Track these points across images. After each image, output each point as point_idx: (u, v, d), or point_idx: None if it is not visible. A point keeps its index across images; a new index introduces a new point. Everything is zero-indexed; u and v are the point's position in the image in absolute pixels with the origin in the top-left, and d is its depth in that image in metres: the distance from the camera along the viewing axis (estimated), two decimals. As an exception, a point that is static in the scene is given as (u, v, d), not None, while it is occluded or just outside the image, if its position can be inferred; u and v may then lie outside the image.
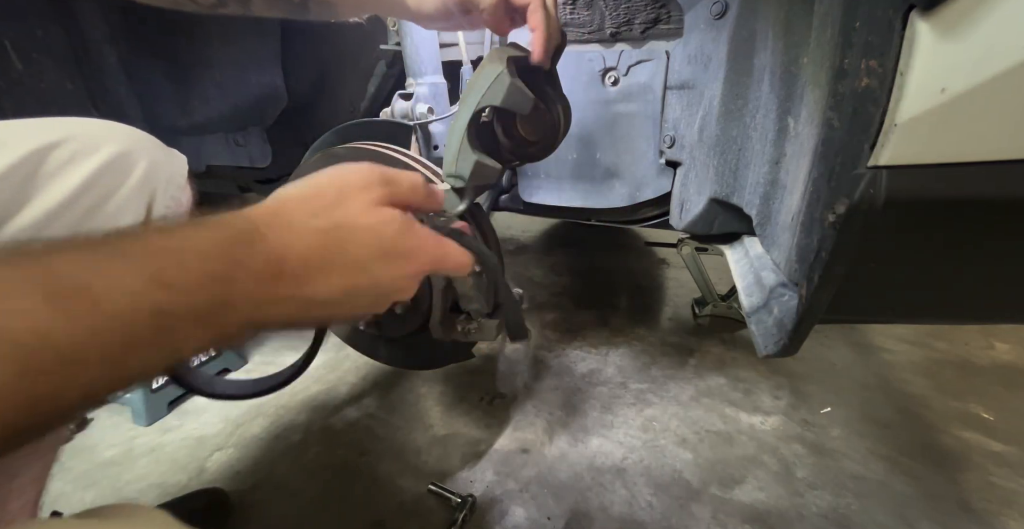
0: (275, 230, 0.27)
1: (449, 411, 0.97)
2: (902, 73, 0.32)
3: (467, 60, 0.84)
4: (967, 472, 0.83)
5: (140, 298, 0.21)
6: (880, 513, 0.75)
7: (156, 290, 0.22)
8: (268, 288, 0.26)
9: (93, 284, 0.20)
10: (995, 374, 1.11)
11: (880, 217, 0.34)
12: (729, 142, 0.67)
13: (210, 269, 0.24)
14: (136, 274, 0.22)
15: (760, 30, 0.60)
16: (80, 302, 0.20)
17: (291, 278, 0.27)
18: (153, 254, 0.23)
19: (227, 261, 0.24)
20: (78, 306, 0.19)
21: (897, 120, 0.32)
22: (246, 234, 0.26)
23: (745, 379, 1.06)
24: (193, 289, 0.23)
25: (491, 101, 0.51)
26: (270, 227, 0.27)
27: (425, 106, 0.77)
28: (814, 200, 0.43)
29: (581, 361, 1.13)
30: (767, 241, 0.60)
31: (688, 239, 1.13)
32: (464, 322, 0.67)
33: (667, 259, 1.75)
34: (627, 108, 0.81)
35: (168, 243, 0.24)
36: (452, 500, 0.74)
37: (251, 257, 0.25)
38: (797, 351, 0.48)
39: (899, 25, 0.31)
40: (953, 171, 0.32)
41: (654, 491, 0.78)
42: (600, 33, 0.79)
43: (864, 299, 0.44)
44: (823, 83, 0.43)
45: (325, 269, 0.28)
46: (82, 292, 0.20)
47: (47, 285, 0.19)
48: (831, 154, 0.40)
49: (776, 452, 0.87)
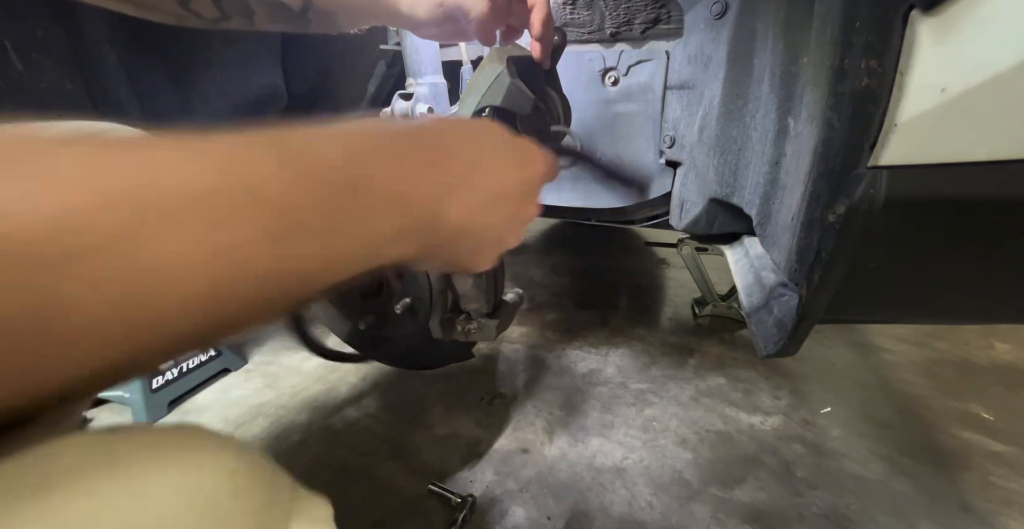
0: (437, 128, 0.30)
1: (449, 411, 0.97)
2: (902, 73, 0.32)
3: (467, 60, 0.84)
4: (967, 472, 0.83)
5: (342, 172, 0.23)
6: (880, 513, 0.75)
7: (355, 163, 0.23)
8: (442, 174, 0.27)
9: (314, 153, 0.22)
10: (995, 374, 1.11)
11: (880, 217, 0.34)
12: (729, 142, 0.67)
13: (397, 148, 0.26)
14: (337, 147, 0.23)
15: (760, 30, 0.60)
16: (306, 168, 0.21)
17: (458, 170, 0.29)
18: (347, 134, 0.25)
19: (407, 139, 0.27)
20: (306, 172, 0.21)
21: (897, 120, 0.32)
22: (419, 127, 0.29)
23: (745, 379, 1.06)
24: (385, 161, 0.25)
25: (491, 101, 0.51)
26: (436, 128, 0.30)
27: (425, 106, 0.77)
28: (814, 200, 0.43)
29: (581, 361, 1.13)
30: (767, 241, 0.60)
31: (688, 239, 1.13)
32: (464, 322, 0.67)
33: (667, 259, 1.75)
34: (627, 108, 0.81)
35: (353, 127, 0.26)
36: (452, 500, 0.74)
37: (427, 144, 0.28)
38: (797, 351, 0.48)
39: (899, 25, 0.31)
40: (953, 171, 0.32)
41: (654, 491, 0.78)
42: (600, 33, 0.79)
43: (864, 299, 0.44)
44: (823, 83, 0.43)
45: (482, 165, 0.30)
46: (305, 159, 0.22)
47: (281, 151, 0.21)
48: (831, 154, 0.40)
49: (776, 452, 0.87)
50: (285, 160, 0.21)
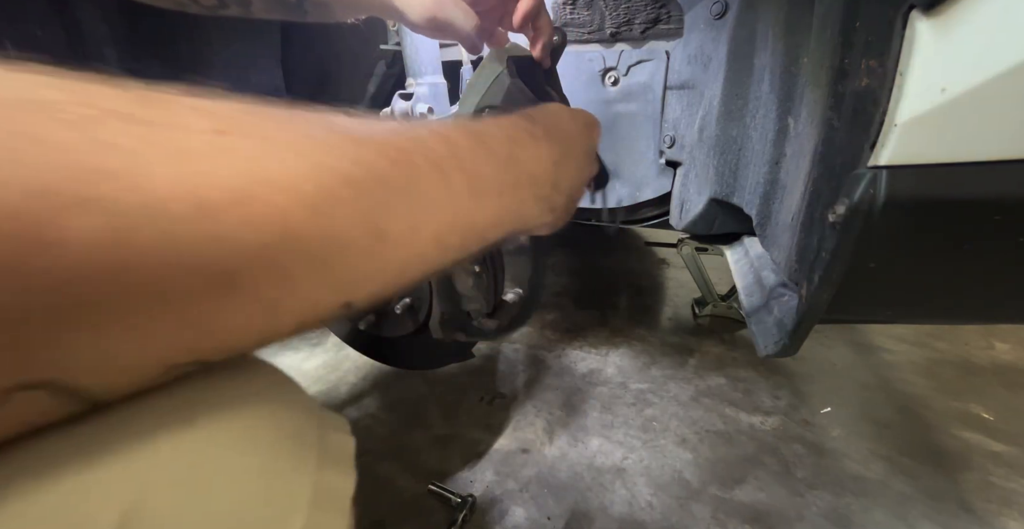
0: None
1: (449, 411, 0.97)
2: (902, 73, 0.32)
3: (467, 60, 0.84)
4: (967, 472, 0.83)
5: (504, 149, 0.30)
6: (880, 513, 0.75)
7: (510, 145, 0.31)
8: (554, 152, 0.34)
9: (487, 134, 0.30)
10: (995, 374, 1.10)
11: (880, 217, 0.34)
12: (729, 142, 0.67)
13: (533, 132, 0.33)
14: (501, 131, 0.31)
15: (760, 30, 0.60)
16: (485, 144, 0.29)
17: (563, 148, 0.36)
18: (502, 122, 0.33)
19: (534, 125, 0.34)
20: (485, 148, 0.29)
21: (897, 120, 0.32)
22: (539, 115, 0.36)
23: (745, 379, 1.06)
24: (527, 144, 0.32)
25: (491, 101, 0.51)
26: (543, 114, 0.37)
27: (425, 106, 0.77)
28: (814, 200, 0.43)
29: (581, 361, 1.13)
30: (767, 241, 0.60)
31: (688, 239, 1.13)
32: (464, 322, 0.67)
33: (667, 259, 1.75)
34: (627, 108, 0.81)
35: (505, 118, 0.34)
36: (452, 500, 0.74)
37: (542, 130, 0.35)
38: (797, 351, 0.48)
39: (899, 25, 0.31)
40: (953, 171, 0.32)
41: (654, 491, 0.78)
42: (600, 33, 0.79)
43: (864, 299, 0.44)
44: (823, 83, 0.43)
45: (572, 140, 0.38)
46: (483, 138, 0.29)
47: (468, 131, 0.29)
48: (831, 154, 0.40)
49: (776, 452, 0.87)
50: (472, 137, 0.28)
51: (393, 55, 0.90)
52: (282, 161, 0.17)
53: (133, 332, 0.15)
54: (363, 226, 0.20)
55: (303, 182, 0.18)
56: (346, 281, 0.20)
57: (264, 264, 0.17)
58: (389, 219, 0.21)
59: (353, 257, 0.20)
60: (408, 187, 0.22)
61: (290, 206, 0.17)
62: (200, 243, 0.15)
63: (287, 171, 0.17)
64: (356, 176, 0.20)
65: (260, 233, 0.16)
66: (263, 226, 0.16)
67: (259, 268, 0.17)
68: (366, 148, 0.21)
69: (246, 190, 0.16)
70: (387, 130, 0.24)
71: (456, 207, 0.25)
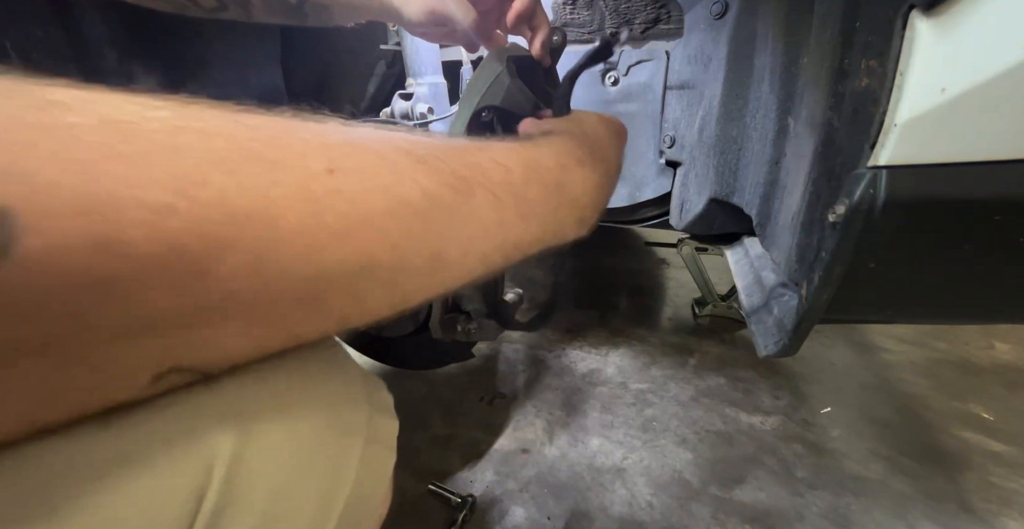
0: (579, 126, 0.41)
1: (449, 411, 0.97)
2: (902, 73, 0.32)
3: (467, 60, 0.84)
4: (967, 472, 0.83)
5: (553, 175, 0.33)
6: (880, 513, 0.75)
7: (559, 171, 0.33)
8: (597, 173, 0.37)
9: (537, 161, 0.32)
10: (995, 374, 1.10)
11: (880, 217, 0.34)
12: (729, 142, 0.67)
13: (579, 158, 0.35)
14: (552, 157, 0.33)
15: (760, 30, 0.60)
16: (536, 171, 0.31)
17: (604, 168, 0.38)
18: (556, 147, 0.35)
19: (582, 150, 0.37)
20: (535, 174, 0.31)
21: (897, 120, 0.32)
22: (587, 138, 0.39)
23: (745, 379, 1.06)
24: (574, 171, 0.34)
25: (491, 101, 0.51)
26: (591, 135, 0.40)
27: (425, 106, 0.77)
28: (814, 200, 0.43)
29: (581, 361, 1.13)
30: (767, 241, 0.60)
31: (688, 239, 1.13)
32: (464, 322, 0.67)
33: (667, 259, 1.75)
34: (627, 108, 0.81)
35: (559, 141, 0.36)
36: (452, 500, 0.74)
37: (587, 151, 0.37)
38: (797, 351, 0.48)
39: (899, 25, 0.31)
40: (953, 171, 0.32)
41: (654, 491, 0.78)
42: (600, 33, 0.79)
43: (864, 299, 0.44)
44: (823, 83, 0.43)
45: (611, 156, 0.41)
46: (534, 164, 0.32)
47: (519, 156, 0.31)
48: (831, 154, 0.40)
49: (776, 452, 0.87)
50: (527, 165, 0.31)
51: (393, 55, 0.90)
52: (374, 202, 0.21)
53: (243, 335, 0.19)
54: (426, 254, 0.23)
55: (388, 221, 0.21)
56: (404, 298, 0.24)
57: (345, 289, 0.21)
58: (447, 245, 0.24)
59: (415, 279, 0.23)
60: (465, 214, 0.25)
61: (376, 242, 0.21)
62: (305, 273, 0.19)
63: (378, 212, 0.21)
64: (424, 208, 0.23)
65: (348, 266, 0.20)
66: (353, 260, 0.20)
67: (340, 292, 0.20)
68: (433, 179, 0.24)
69: (345, 229, 0.19)
70: (451, 153, 0.26)
71: (505, 230, 0.28)
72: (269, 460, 0.21)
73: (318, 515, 0.23)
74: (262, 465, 0.21)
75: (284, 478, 0.22)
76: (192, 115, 0.18)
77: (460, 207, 0.25)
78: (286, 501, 0.22)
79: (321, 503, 0.23)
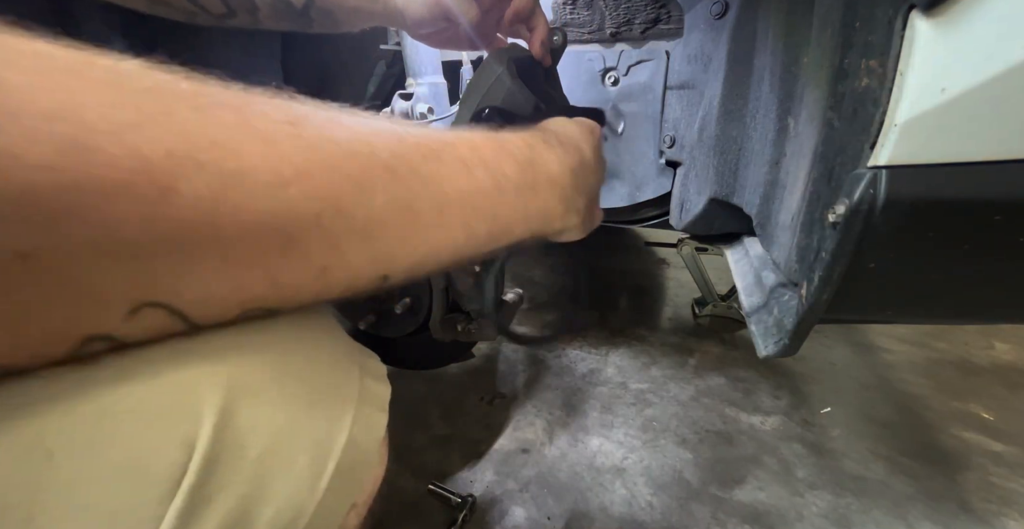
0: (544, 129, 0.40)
1: (449, 411, 0.97)
2: (902, 73, 0.32)
3: (467, 60, 0.84)
4: (967, 472, 0.83)
5: (524, 153, 0.33)
6: (880, 513, 0.75)
7: (530, 150, 0.34)
8: (571, 159, 0.37)
9: (506, 139, 0.33)
10: (995, 374, 1.10)
11: (880, 217, 0.34)
12: (729, 142, 0.67)
13: (548, 140, 0.36)
14: (520, 138, 0.34)
15: (760, 30, 0.60)
16: (505, 147, 0.32)
17: (577, 156, 0.38)
18: (521, 132, 0.36)
19: (552, 136, 0.37)
20: (505, 150, 0.32)
21: (897, 120, 0.32)
22: (553, 129, 0.39)
23: (745, 379, 1.06)
24: (544, 150, 0.35)
25: (491, 102, 0.51)
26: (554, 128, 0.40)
27: (425, 106, 0.77)
28: (814, 200, 0.43)
29: (581, 361, 1.13)
30: (767, 241, 0.60)
31: (688, 239, 1.13)
32: (464, 322, 0.67)
33: (667, 259, 1.75)
34: (627, 108, 0.81)
35: (521, 130, 0.36)
36: (452, 500, 0.74)
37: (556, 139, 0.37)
38: (797, 351, 0.48)
39: (899, 25, 0.31)
40: (953, 171, 0.32)
41: (654, 491, 0.78)
42: (600, 33, 0.79)
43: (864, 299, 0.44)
44: (823, 83, 0.43)
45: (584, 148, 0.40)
46: (503, 142, 0.32)
47: (487, 134, 0.32)
48: (831, 154, 0.40)
49: (776, 452, 0.87)
50: (493, 141, 0.31)
51: (393, 55, 0.90)
52: (336, 148, 0.22)
53: (220, 273, 0.19)
54: (398, 207, 0.24)
55: (351, 164, 0.22)
56: (384, 255, 0.24)
57: (319, 234, 0.21)
58: (419, 202, 0.25)
59: (390, 233, 0.24)
60: (433, 173, 0.26)
61: (340, 183, 0.21)
62: (272, 208, 0.19)
63: (339, 156, 0.22)
64: (393, 165, 0.24)
65: (315, 203, 0.20)
66: (318, 198, 0.21)
67: (313, 235, 0.21)
68: (403, 144, 0.25)
69: (307, 168, 0.20)
70: (420, 133, 0.27)
71: (481, 198, 0.29)
72: (261, 412, 0.22)
73: (313, 467, 0.23)
74: (253, 416, 0.21)
75: (276, 430, 0.22)
76: (163, 69, 0.19)
77: (426, 166, 0.26)
78: (279, 452, 0.22)
79: (315, 456, 0.24)
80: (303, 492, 0.23)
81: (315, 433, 0.24)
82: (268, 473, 0.22)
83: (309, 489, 0.23)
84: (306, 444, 0.23)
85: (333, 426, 0.25)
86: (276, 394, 0.23)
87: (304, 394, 0.24)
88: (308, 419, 0.24)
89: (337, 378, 0.27)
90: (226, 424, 0.20)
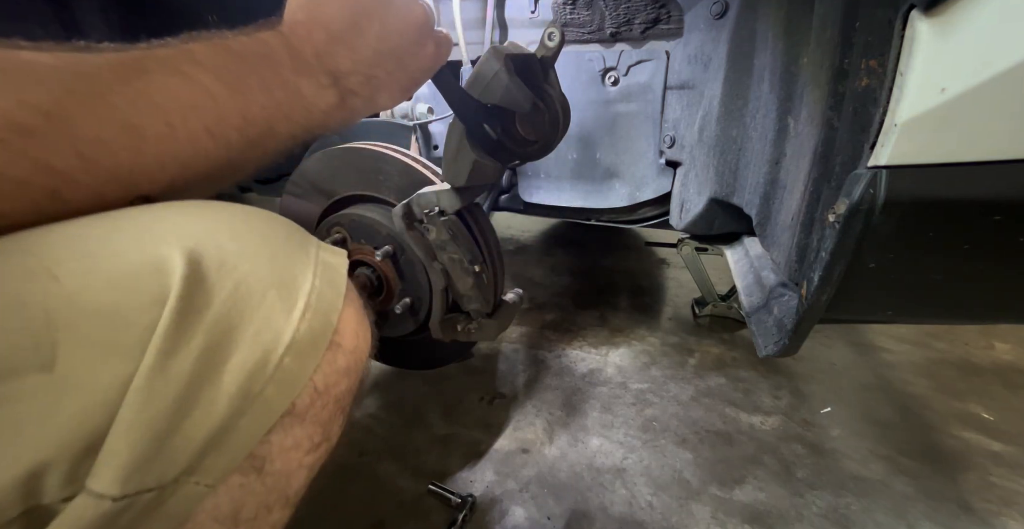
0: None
1: (449, 411, 0.97)
2: (902, 73, 0.32)
3: (467, 60, 0.84)
4: (967, 472, 0.83)
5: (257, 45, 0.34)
6: (880, 513, 0.75)
7: (254, 43, 0.34)
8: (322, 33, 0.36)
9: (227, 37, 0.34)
10: (995, 374, 1.10)
11: (880, 217, 0.34)
12: (729, 142, 0.67)
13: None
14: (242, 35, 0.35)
15: (760, 30, 0.60)
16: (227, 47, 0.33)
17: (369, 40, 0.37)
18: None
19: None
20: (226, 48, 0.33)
21: (897, 120, 0.32)
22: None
23: (745, 379, 1.06)
24: (313, 28, 0.35)
25: (488, 99, 0.51)
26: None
27: (425, 106, 0.77)
28: (814, 200, 0.43)
29: (581, 361, 1.13)
30: (767, 241, 0.60)
31: (688, 239, 1.13)
32: (464, 322, 0.67)
33: (667, 259, 1.75)
34: (627, 108, 0.81)
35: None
36: (452, 500, 0.74)
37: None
38: (797, 351, 0.48)
39: (899, 25, 0.31)
40: (953, 171, 0.32)
41: (654, 491, 0.78)
42: (600, 33, 0.79)
43: (864, 299, 0.44)
44: (823, 83, 0.43)
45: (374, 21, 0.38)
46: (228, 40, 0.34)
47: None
48: (831, 154, 0.40)
49: (776, 452, 0.87)
50: (213, 45, 0.32)
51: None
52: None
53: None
54: (112, 125, 0.26)
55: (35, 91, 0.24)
56: (125, 175, 0.27)
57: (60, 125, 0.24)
58: (142, 119, 0.27)
59: (118, 153, 0.26)
60: (143, 89, 0.27)
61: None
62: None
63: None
64: (68, 81, 0.25)
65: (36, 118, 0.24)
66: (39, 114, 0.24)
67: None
68: (99, 69, 0.26)
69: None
70: (119, 56, 0.28)
71: (217, 103, 0.30)
72: (228, 254, 0.26)
73: (282, 298, 0.27)
74: (219, 254, 0.25)
75: (247, 270, 0.26)
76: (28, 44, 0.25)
77: (129, 85, 0.27)
78: (251, 284, 0.26)
79: (282, 294, 0.27)
80: (279, 316, 0.27)
81: (280, 271, 0.28)
82: (248, 294, 0.26)
83: (284, 312, 0.27)
84: (273, 280, 0.27)
85: (299, 274, 0.29)
86: (240, 246, 0.27)
87: (263, 239, 0.28)
88: (271, 258, 0.28)
89: (295, 242, 0.30)
90: (199, 259, 0.25)
